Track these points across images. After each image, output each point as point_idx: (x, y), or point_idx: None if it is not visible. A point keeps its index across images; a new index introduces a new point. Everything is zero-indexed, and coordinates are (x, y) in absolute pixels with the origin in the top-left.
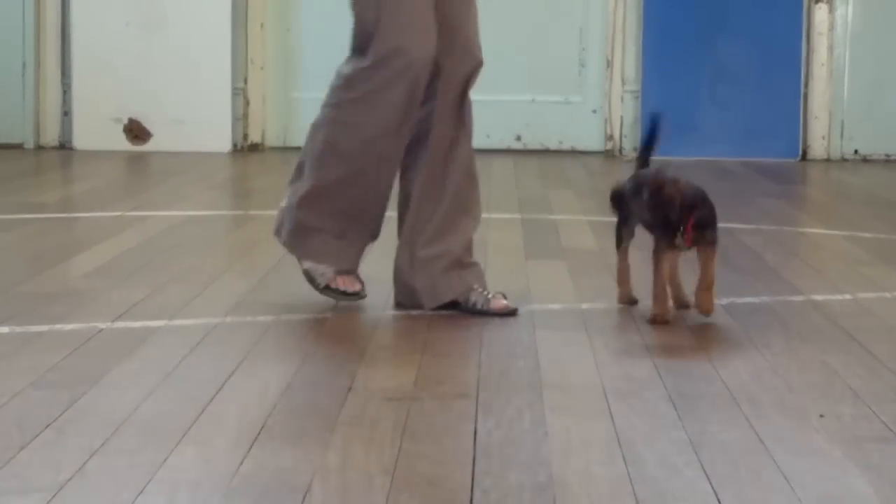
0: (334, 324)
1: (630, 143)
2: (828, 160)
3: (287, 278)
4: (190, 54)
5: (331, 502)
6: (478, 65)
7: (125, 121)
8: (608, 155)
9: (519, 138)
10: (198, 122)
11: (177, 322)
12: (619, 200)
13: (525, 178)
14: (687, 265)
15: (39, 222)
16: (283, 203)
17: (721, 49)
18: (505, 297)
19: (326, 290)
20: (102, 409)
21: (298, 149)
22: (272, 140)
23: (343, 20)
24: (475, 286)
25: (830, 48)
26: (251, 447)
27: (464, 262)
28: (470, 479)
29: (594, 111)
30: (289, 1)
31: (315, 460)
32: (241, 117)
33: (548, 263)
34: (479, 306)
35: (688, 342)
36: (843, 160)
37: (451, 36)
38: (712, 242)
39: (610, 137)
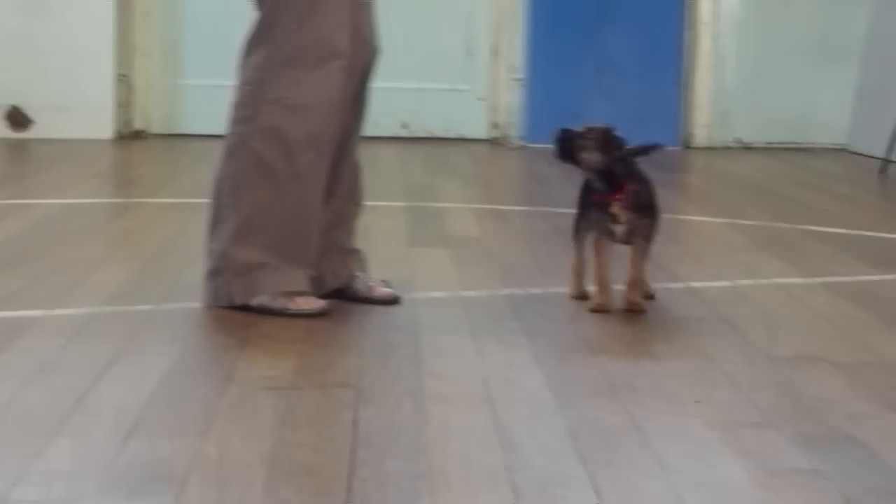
0: (215, 313)
1: (515, 131)
2: (710, 148)
3: (168, 266)
4: (73, 41)
5: (208, 493)
6: (377, 53)
7: (6, 108)
8: (494, 143)
9: (405, 126)
10: (81, 109)
11: (55, 312)
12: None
13: (411, 165)
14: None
15: None
16: (209, 266)
17: (606, 38)
18: (388, 285)
19: (287, 312)
20: None
21: (183, 136)
22: (156, 127)
23: (230, 6)
24: (358, 273)
25: (714, 38)
26: (128, 438)
27: (347, 249)
28: (348, 467)
29: (480, 99)
30: None
31: (193, 451)
32: (124, 104)
33: (431, 251)
34: (361, 293)
35: (568, 329)
36: (726, 148)
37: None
38: (648, 237)
39: (496, 125)
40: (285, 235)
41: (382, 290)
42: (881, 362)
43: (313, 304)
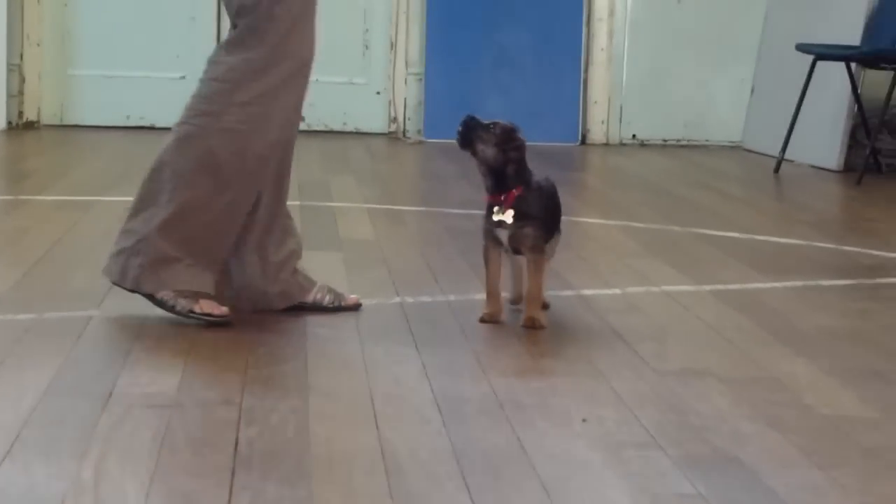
0: (99, 323)
1: (413, 126)
2: (606, 144)
3: (54, 270)
4: None
5: None
6: None
7: None
8: (392, 137)
9: (302, 119)
10: None
11: None
12: None
13: (307, 160)
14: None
15: None
16: (125, 243)
17: (503, 34)
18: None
19: (191, 315)
20: None
21: (75, 127)
22: (48, 118)
23: None
24: (319, 283)
25: (610, 34)
26: (2, 461)
27: (293, 266)
28: (228, 493)
29: (378, 93)
30: None
31: (69, 475)
32: (16, 94)
33: (324, 255)
34: (326, 303)
35: (458, 340)
36: (622, 145)
37: None
38: (534, 248)
39: (394, 120)
40: (207, 236)
41: (351, 299)
42: (767, 377)
43: (217, 309)
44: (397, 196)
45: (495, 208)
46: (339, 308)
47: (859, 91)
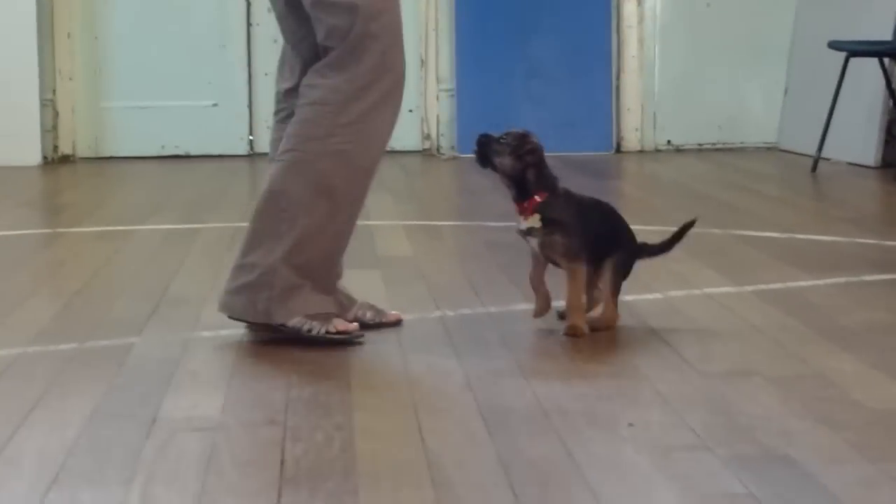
0: (141, 350)
1: (447, 142)
2: (641, 151)
3: (94, 300)
4: None
5: None
6: None
7: None
8: (426, 154)
9: None
10: (6, 136)
11: None
12: None
13: None
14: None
15: None
16: (246, 278)
17: (533, 45)
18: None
19: (328, 335)
20: None
21: (111, 158)
22: (83, 151)
23: (151, 27)
24: (360, 301)
25: (640, 41)
26: (49, 490)
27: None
28: None
29: (411, 111)
30: (95, 9)
31: (115, 501)
32: (50, 129)
33: (363, 273)
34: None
35: (500, 350)
36: (657, 151)
37: None
38: (566, 255)
39: (427, 137)
40: (324, 259)
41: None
42: (813, 374)
43: (349, 326)
44: (434, 212)
45: (521, 216)
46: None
47: (894, 86)
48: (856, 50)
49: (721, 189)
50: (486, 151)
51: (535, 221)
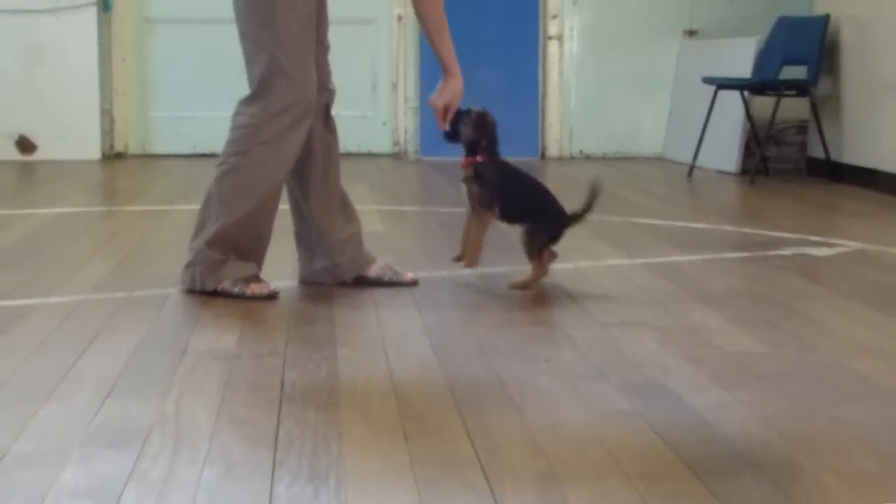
0: (175, 299)
1: (412, 148)
2: (560, 158)
3: (140, 261)
4: (66, 84)
5: (167, 443)
6: (333, 95)
7: (16, 136)
8: (396, 157)
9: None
10: (74, 137)
11: (50, 300)
12: None
13: None
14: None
15: None
16: (189, 259)
17: (480, 74)
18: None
19: (245, 294)
20: None
21: (154, 155)
22: (133, 150)
23: (187, 52)
24: (380, 262)
25: (560, 73)
26: (105, 401)
27: (360, 248)
28: (277, 419)
29: (384, 123)
30: (143, 39)
31: (155, 410)
32: (108, 132)
33: None
34: (386, 279)
35: (449, 304)
36: (572, 158)
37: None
38: (479, 202)
39: (396, 143)
40: (246, 241)
41: (408, 275)
42: (685, 325)
43: (264, 288)
44: (400, 199)
45: (462, 171)
46: (397, 283)
47: (751, 112)
48: (723, 84)
49: (620, 187)
50: (455, 120)
51: (468, 172)
